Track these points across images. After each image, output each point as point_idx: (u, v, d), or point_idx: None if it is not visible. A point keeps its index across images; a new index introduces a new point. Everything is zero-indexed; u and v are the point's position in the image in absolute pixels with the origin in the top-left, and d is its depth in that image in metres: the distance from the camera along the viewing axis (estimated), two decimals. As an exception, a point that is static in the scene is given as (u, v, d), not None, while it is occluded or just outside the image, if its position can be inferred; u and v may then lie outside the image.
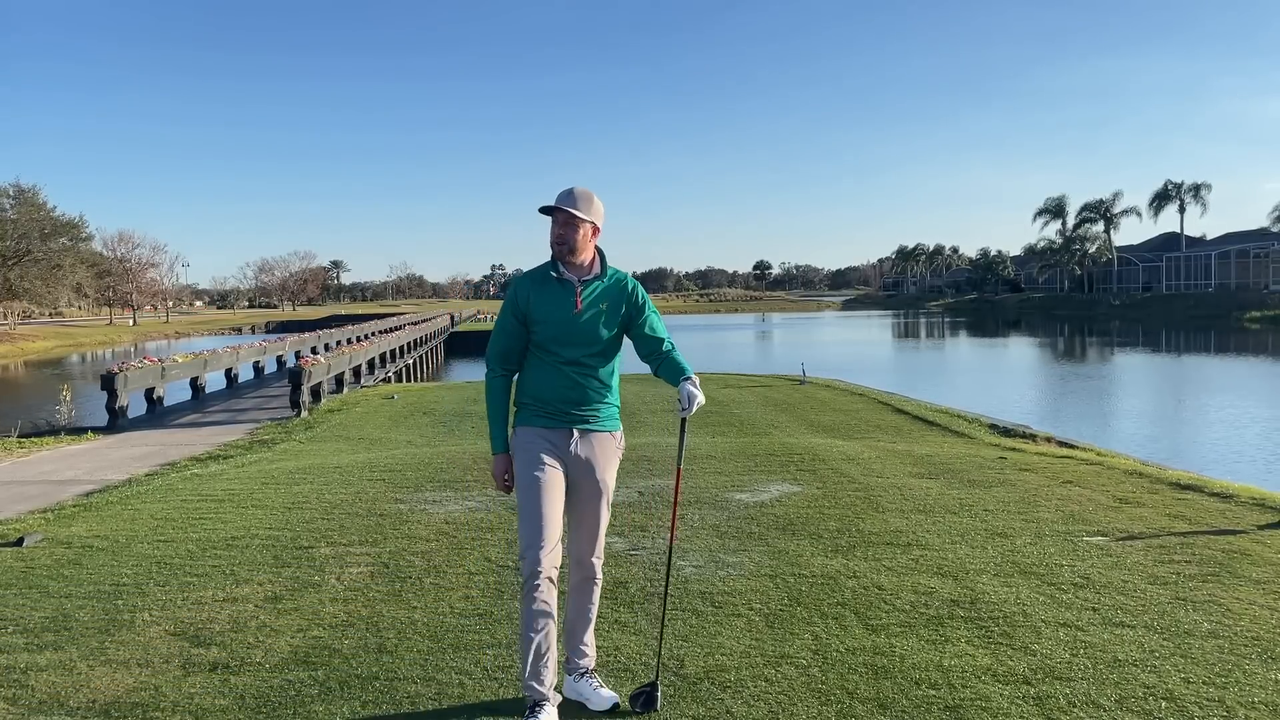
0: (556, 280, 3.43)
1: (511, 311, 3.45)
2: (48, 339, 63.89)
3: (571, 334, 3.39)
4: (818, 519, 6.39)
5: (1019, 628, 4.18)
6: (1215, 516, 6.27)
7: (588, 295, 3.43)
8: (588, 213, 3.39)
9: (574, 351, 3.40)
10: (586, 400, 3.42)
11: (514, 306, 3.45)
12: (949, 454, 9.61)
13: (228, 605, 4.74)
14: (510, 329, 3.46)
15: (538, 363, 3.44)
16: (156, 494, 8.24)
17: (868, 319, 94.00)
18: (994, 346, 50.64)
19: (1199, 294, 76.85)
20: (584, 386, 3.42)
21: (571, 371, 3.40)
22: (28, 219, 61.26)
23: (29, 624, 4.52)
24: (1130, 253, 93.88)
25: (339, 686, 3.69)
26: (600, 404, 3.45)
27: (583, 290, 3.43)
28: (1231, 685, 3.54)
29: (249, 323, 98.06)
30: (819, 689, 3.57)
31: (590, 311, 3.42)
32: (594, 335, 3.42)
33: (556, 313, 3.39)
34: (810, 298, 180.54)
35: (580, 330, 3.40)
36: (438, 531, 6.24)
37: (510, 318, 3.46)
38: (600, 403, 3.45)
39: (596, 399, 3.44)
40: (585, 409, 3.42)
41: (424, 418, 15.81)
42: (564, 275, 3.44)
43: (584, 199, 3.40)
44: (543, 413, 3.42)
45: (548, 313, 3.39)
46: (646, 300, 3.56)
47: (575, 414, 3.41)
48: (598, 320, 3.43)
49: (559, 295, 3.41)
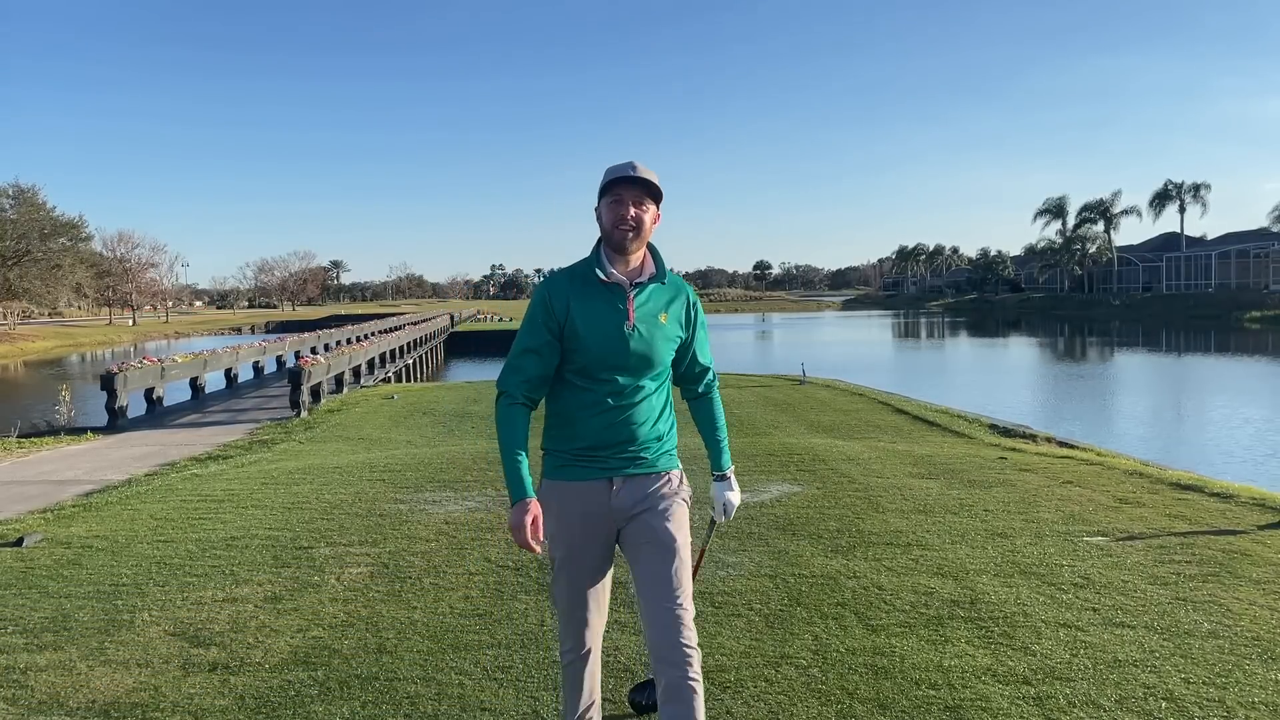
0: (603, 284, 2.65)
1: (544, 323, 2.63)
2: (47, 339, 63.87)
3: (622, 355, 2.61)
4: (818, 519, 6.38)
5: (1019, 628, 4.18)
6: (1215, 517, 6.27)
7: (642, 303, 2.66)
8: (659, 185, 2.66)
9: (625, 379, 2.63)
10: (635, 440, 2.66)
11: (547, 316, 2.62)
12: (949, 454, 9.61)
13: (227, 605, 4.74)
14: (543, 346, 2.63)
15: (574, 394, 2.65)
16: (156, 494, 8.24)
17: (868, 319, 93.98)
18: (994, 347, 50.62)
19: (1199, 294, 76.86)
20: (635, 423, 2.65)
21: (620, 404, 2.63)
22: (27, 219, 61.26)
23: (29, 624, 4.52)
24: (1130, 253, 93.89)
25: (339, 686, 3.69)
26: (653, 442, 2.70)
27: (636, 295, 2.67)
28: (1232, 685, 3.54)
29: (249, 323, 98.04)
30: (819, 689, 3.57)
31: (647, 324, 2.65)
32: (651, 357, 2.65)
33: (603, 327, 2.61)
34: (810, 298, 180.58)
35: (634, 351, 2.62)
36: (438, 531, 6.24)
37: (543, 332, 2.63)
38: (654, 441, 2.69)
39: (650, 437, 2.68)
40: (633, 451, 2.66)
41: (424, 418, 15.81)
42: (612, 277, 2.65)
43: (651, 173, 2.67)
44: (576, 460, 2.66)
45: (594, 327, 2.60)
46: (702, 315, 2.86)
47: (619, 458, 2.65)
48: (656, 336, 2.66)
49: (607, 303, 2.63)
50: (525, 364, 2.65)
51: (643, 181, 2.63)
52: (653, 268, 2.72)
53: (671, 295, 2.74)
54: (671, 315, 2.71)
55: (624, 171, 2.63)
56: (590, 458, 2.64)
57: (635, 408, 2.65)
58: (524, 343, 2.66)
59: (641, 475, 2.67)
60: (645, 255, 2.72)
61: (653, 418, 2.69)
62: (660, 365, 2.69)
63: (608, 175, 2.67)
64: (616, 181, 2.63)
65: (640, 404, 2.66)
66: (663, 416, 2.73)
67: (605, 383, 2.63)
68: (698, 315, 2.81)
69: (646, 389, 2.67)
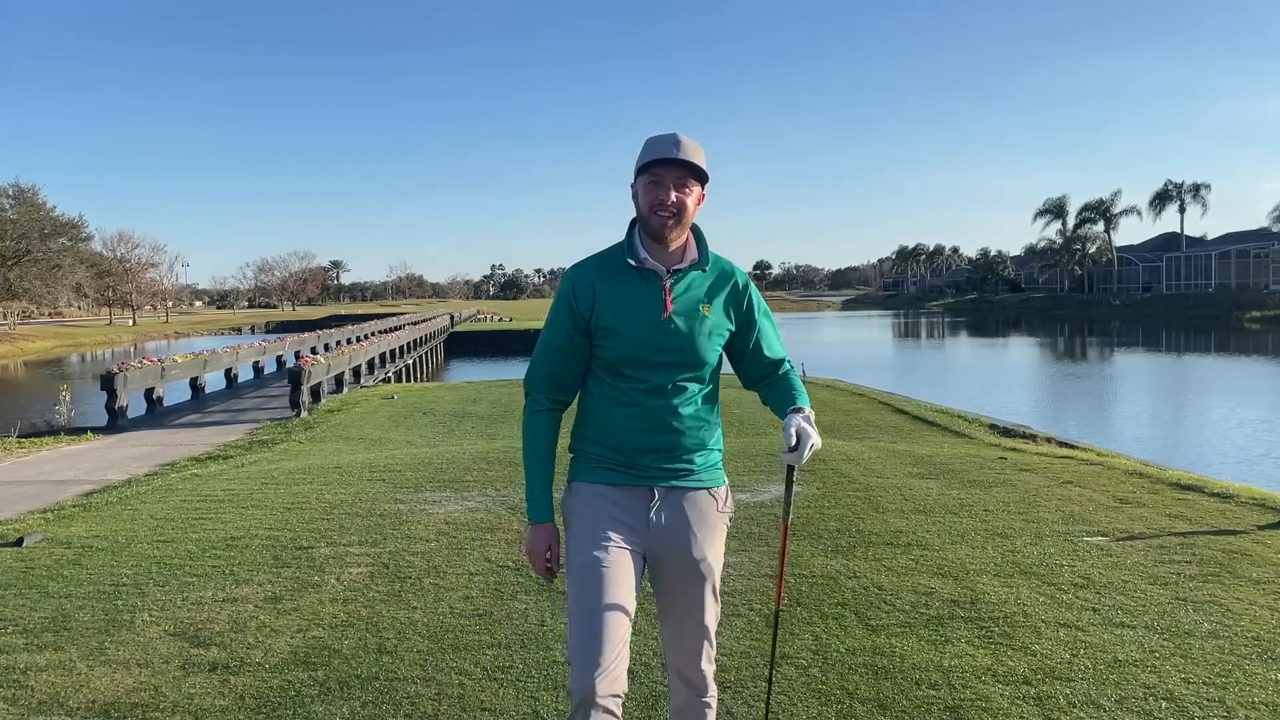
0: (636, 270, 2.39)
1: (569, 315, 2.40)
2: (47, 339, 63.87)
3: (660, 349, 2.36)
4: (818, 519, 6.38)
5: (1019, 628, 4.18)
6: (1215, 517, 6.27)
7: (681, 291, 2.40)
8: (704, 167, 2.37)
9: (663, 376, 2.38)
10: (677, 446, 2.40)
11: (571, 308, 2.40)
12: (949, 454, 9.61)
13: (227, 605, 4.74)
14: (566, 343, 2.41)
15: (606, 391, 2.42)
16: (156, 494, 8.24)
17: (868, 319, 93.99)
18: (994, 347, 50.63)
19: (1199, 294, 76.83)
20: (675, 428, 2.39)
21: (657, 405, 2.38)
22: (27, 219, 61.27)
23: (29, 624, 4.52)
24: (1130, 253, 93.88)
25: (339, 686, 3.69)
26: (697, 451, 2.43)
27: (673, 284, 2.40)
28: (1232, 685, 3.54)
29: (249, 323, 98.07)
30: (819, 689, 3.57)
31: (686, 315, 2.39)
32: (692, 351, 2.39)
33: (638, 318, 2.36)
34: (810, 298, 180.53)
35: (673, 344, 2.37)
36: (438, 532, 6.24)
37: (567, 325, 2.41)
38: (697, 450, 2.43)
39: (692, 444, 2.42)
40: (675, 459, 2.40)
41: (424, 418, 15.81)
42: (646, 263, 2.39)
43: (696, 150, 2.37)
44: (611, 464, 2.40)
45: (625, 319, 2.36)
46: (760, 303, 2.52)
47: (660, 468, 2.40)
48: (698, 328, 2.39)
49: (641, 292, 2.38)
50: (549, 363, 2.43)
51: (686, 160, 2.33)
52: (695, 253, 2.44)
53: (717, 282, 2.44)
54: (716, 305, 2.43)
55: (666, 152, 2.32)
56: (625, 464, 2.39)
57: (676, 411, 2.39)
58: (547, 339, 2.44)
59: (685, 490, 2.42)
60: (688, 239, 2.45)
61: (697, 423, 2.41)
62: (704, 362, 2.41)
63: (647, 152, 2.36)
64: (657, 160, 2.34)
65: (681, 406, 2.39)
66: (711, 424, 2.46)
67: (639, 381, 2.38)
68: (753, 303, 2.49)
69: (689, 390, 2.40)
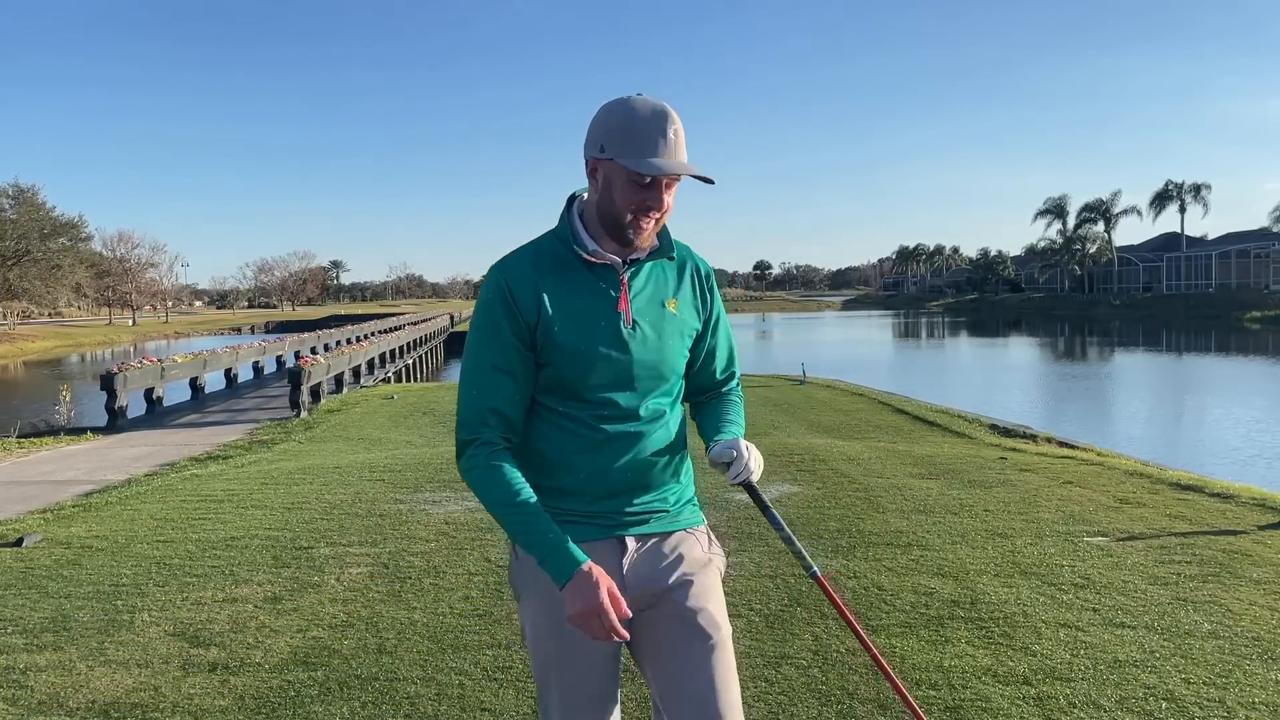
0: (583, 263, 1.86)
1: (510, 326, 1.83)
2: (47, 339, 63.84)
3: (621, 366, 1.85)
4: (818, 519, 6.38)
5: (1019, 628, 4.18)
6: (1216, 517, 6.27)
7: (641, 286, 1.89)
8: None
9: (630, 398, 1.87)
10: (652, 482, 1.91)
11: (512, 316, 1.83)
12: (949, 454, 9.61)
13: (227, 605, 4.74)
14: (516, 363, 1.84)
15: (555, 424, 1.88)
16: (156, 494, 8.24)
17: (868, 319, 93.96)
18: (994, 347, 50.62)
19: (1199, 294, 76.84)
20: (647, 459, 1.88)
21: (623, 434, 1.86)
22: (27, 219, 61.29)
23: (29, 624, 4.52)
24: (1130, 253, 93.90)
25: (338, 687, 3.69)
26: (670, 486, 1.95)
27: (630, 277, 1.88)
28: (1232, 686, 3.54)
29: (248, 323, 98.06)
30: (819, 689, 3.57)
31: (652, 317, 1.89)
32: (663, 363, 1.90)
33: (594, 325, 1.84)
34: (810, 298, 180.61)
35: (638, 359, 1.86)
36: (437, 532, 6.24)
37: (510, 340, 1.83)
38: (671, 484, 1.95)
39: (668, 477, 1.94)
40: (648, 499, 1.91)
41: (424, 418, 15.81)
42: (599, 255, 1.86)
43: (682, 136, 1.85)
44: (569, 516, 1.85)
45: (578, 327, 1.83)
46: (719, 298, 2.06)
47: (630, 513, 1.89)
48: (666, 333, 1.90)
49: (593, 293, 1.86)
50: (497, 393, 1.82)
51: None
52: (655, 239, 1.90)
53: (679, 272, 1.96)
54: (683, 300, 1.94)
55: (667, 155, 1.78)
56: (590, 512, 1.87)
57: (643, 439, 1.87)
58: (484, 360, 1.83)
59: (661, 535, 1.92)
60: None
61: (670, 451, 1.92)
62: (675, 374, 1.94)
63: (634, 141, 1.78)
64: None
65: (653, 433, 1.89)
66: (682, 450, 1.98)
67: (600, 406, 1.85)
68: (714, 297, 2.02)
69: (655, 410, 1.90)
